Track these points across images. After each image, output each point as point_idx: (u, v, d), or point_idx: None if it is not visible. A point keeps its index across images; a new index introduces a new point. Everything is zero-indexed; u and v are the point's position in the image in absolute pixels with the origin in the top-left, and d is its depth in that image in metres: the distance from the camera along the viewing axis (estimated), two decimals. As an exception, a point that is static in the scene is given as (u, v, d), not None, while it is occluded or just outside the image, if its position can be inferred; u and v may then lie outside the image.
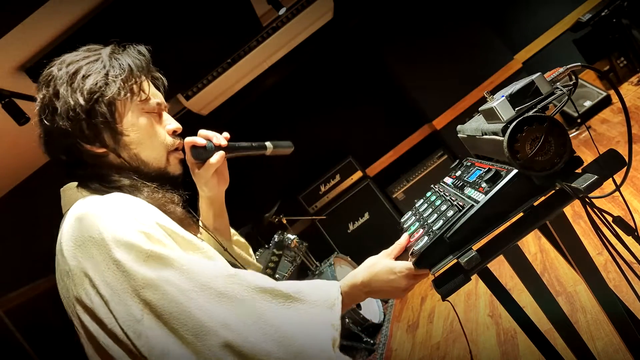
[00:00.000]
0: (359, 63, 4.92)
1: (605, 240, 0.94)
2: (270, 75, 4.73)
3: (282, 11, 3.48)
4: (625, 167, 0.92)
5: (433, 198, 1.23)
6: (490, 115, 1.02)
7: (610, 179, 0.91)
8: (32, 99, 2.40)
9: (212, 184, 1.04)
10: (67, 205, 0.89)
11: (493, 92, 1.11)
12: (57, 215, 0.91)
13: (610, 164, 0.92)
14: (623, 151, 0.94)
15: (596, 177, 0.88)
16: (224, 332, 0.73)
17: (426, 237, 1.01)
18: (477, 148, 1.26)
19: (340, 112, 4.97)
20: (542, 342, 1.29)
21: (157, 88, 0.99)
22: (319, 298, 0.85)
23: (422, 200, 1.33)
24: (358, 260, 3.94)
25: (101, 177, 0.89)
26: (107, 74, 0.89)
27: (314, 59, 4.85)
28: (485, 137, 1.09)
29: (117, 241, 0.75)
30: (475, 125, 1.17)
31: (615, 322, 1.01)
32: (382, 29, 4.50)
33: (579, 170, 0.94)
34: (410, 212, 1.33)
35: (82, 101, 0.85)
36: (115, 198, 0.83)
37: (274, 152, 1.08)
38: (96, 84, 0.87)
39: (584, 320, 1.95)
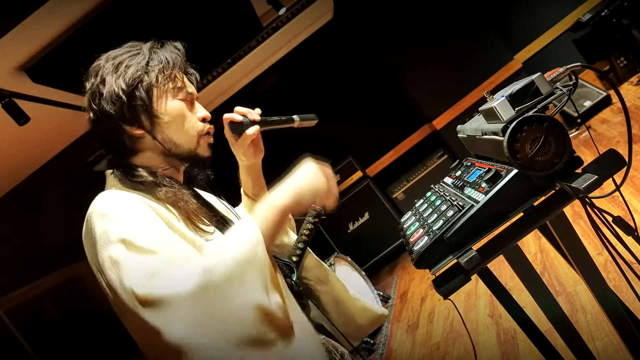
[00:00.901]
0: (359, 63, 4.92)
1: (605, 240, 0.94)
2: (270, 75, 4.73)
3: (282, 11, 3.48)
4: (625, 167, 0.92)
5: (433, 198, 1.23)
6: (490, 115, 1.02)
7: (610, 179, 0.91)
8: (32, 99, 2.39)
9: (249, 154, 1.19)
10: (105, 189, 1.04)
11: (493, 92, 1.11)
12: (57, 216, 0.97)
13: (610, 164, 0.92)
14: (623, 151, 0.94)
15: (596, 177, 0.88)
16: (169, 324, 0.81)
17: (426, 237, 1.01)
18: (477, 148, 1.26)
19: (340, 112, 4.97)
20: (542, 342, 1.29)
21: (190, 82, 1.10)
22: (246, 252, 0.89)
23: (422, 200, 1.33)
24: (358, 260, 3.94)
25: (130, 171, 1.02)
26: (147, 64, 1.00)
27: (314, 59, 4.85)
28: (485, 137, 1.09)
29: (96, 240, 0.89)
30: (475, 125, 1.17)
31: (615, 322, 1.01)
32: (382, 29, 4.50)
33: (579, 170, 0.94)
34: (410, 212, 1.33)
35: (124, 86, 0.97)
36: (107, 198, 0.94)
37: (300, 124, 1.24)
38: (137, 71, 0.99)
39: (584, 320, 1.95)
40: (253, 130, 1.13)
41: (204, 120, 1.08)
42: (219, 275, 0.82)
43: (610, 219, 0.95)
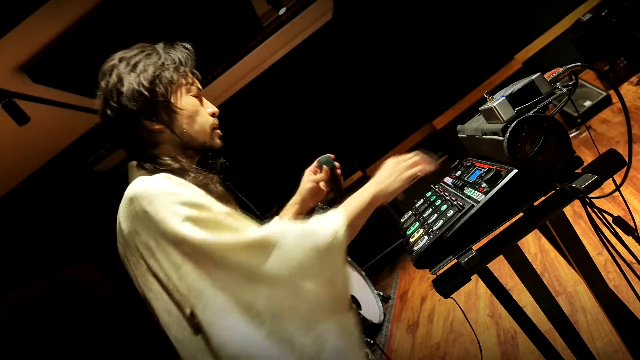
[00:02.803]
0: (358, 63, 4.92)
1: (605, 240, 0.94)
2: (270, 75, 4.73)
3: (282, 11, 3.48)
4: (625, 167, 0.92)
5: (433, 198, 1.23)
6: (490, 115, 1.02)
7: (610, 179, 0.91)
8: (32, 99, 2.40)
9: (313, 193, 1.32)
10: (130, 179, 1.05)
11: (493, 92, 1.11)
12: (57, 216, 0.95)
13: (610, 164, 0.92)
14: (623, 151, 0.94)
15: (596, 177, 0.88)
16: (253, 274, 0.89)
17: (426, 237, 1.01)
18: (477, 148, 1.26)
19: (341, 111, 4.97)
20: (542, 342, 1.29)
21: (197, 80, 1.16)
22: (328, 230, 0.97)
23: (422, 200, 1.33)
24: (358, 260, 3.94)
25: (156, 160, 1.05)
26: (163, 63, 1.06)
27: (314, 59, 4.85)
28: (485, 137, 1.09)
29: (157, 213, 0.91)
30: (475, 125, 1.17)
31: (615, 322, 1.01)
32: (382, 29, 4.50)
33: (579, 170, 0.94)
34: (410, 212, 1.33)
35: (145, 83, 1.02)
36: (158, 178, 0.97)
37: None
38: (156, 70, 1.04)
39: (584, 320, 1.95)
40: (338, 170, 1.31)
41: (213, 115, 1.14)
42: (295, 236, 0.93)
43: (610, 219, 0.95)
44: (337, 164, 1.31)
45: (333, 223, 0.98)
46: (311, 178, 1.32)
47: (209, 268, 0.89)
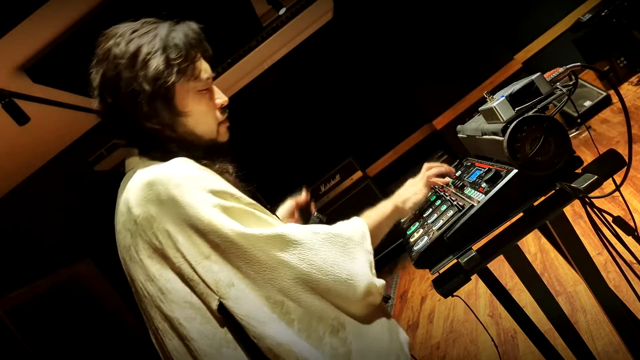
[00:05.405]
0: (358, 63, 4.92)
1: (605, 240, 0.94)
2: (270, 75, 4.73)
3: (282, 11, 3.48)
4: (625, 167, 0.92)
5: (433, 198, 1.23)
6: (490, 115, 1.02)
7: (610, 179, 0.91)
8: (32, 99, 2.39)
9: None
10: (128, 167, 0.99)
11: (493, 92, 1.11)
12: (57, 216, 0.93)
13: (610, 164, 0.92)
14: (623, 151, 0.94)
15: (596, 177, 0.88)
16: (283, 270, 0.85)
17: (426, 237, 1.01)
18: (477, 148, 1.26)
19: (340, 112, 4.97)
20: (542, 342, 1.29)
21: (206, 58, 1.04)
22: (353, 231, 0.95)
23: (422, 200, 1.32)
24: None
25: (162, 148, 0.97)
26: (167, 58, 0.92)
27: (314, 59, 4.85)
28: (485, 137, 1.09)
29: (184, 198, 0.84)
30: (475, 125, 1.17)
31: (615, 322, 1.01)
32: (382, 29, 4.50)
33: (579, 170, 0.94)
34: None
35: (146, 87, 0.90)
36: (180, 162, 0.90)
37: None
38: (158, 69, 0.91)
39: (584, 320, 1.95)
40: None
41: (222, 106, 1.06)
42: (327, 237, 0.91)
43: (610, 219, 0.95)
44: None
45: (356, 224, 0.98)
46: (296, 204, 1.41)
47: (239, 260, 0.84)
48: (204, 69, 1.01)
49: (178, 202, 0.83)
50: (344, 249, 0.90)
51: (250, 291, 0.84)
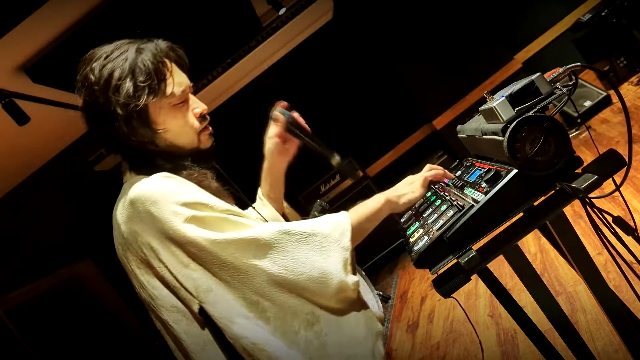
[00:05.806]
0: (358, 63, 4.91)
1: (605, 240, 0.94)
2: (270, 75, 4.72)
3: (282, 11, 3.48)
4: (625, 167, 0.92)
5: (433, 198, 1.23)
6: (490, 115, 1.02)
7: (610, 179, 0.91)
8: (32, 99, 2.39)
9: (277, 149, 1.33)
10: (124, 179, 1.06)
11: (493, 92, 1.11)
12: (57, 216, 0.95)
13: (610, 164, 0.92)
14: (623, 151, 0.94)
15: (596, 177, 0.88)
16: (256, 273, 0.90)
17: (426, 237, 1.01)
18: (477, 148, 1.26)
19: (341, 112, 4.97)
20: (542, 342, 1.29)
21: (182, 67, 1.07)
22: (332, 228, 0.98)
23: (422, 200, 1.33)
24: (358, 260, 3.93)
25: (147, 162, 1.03)
26: (135, 82, 0.96)
27: (314, 59, 4.84)
28: (485, 137, 1.09)
29: (160, 214, 0.91)
30: (475, 125, 1.17)
31: (615, 322, 1.01)
32: (382, 29, 4.50)
33: (579, 170, 0.94)
34: (410, 212, 1.33)
35: (119, 111, 0.95)
36: (157, 179, 0.96)
37: (339, 167, 1.27)
38: (128, 94, 0.95)
39: (584, 320, 1.95)
40: (295, 115, 1.29)
41: (201, 115, 1.07)
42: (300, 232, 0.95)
43: (610, 219, 0.95)
44: (295, 113, 1.28)
45: (337, 220, 0.99)
46: (269, 134, 1.30)
47: (214, 266, 0.90)
48: (178, 82, 1.02)
49: (155, 218, 0.90)
50: (318, 248, 0.94)
51: (227, 294, 0.91)
